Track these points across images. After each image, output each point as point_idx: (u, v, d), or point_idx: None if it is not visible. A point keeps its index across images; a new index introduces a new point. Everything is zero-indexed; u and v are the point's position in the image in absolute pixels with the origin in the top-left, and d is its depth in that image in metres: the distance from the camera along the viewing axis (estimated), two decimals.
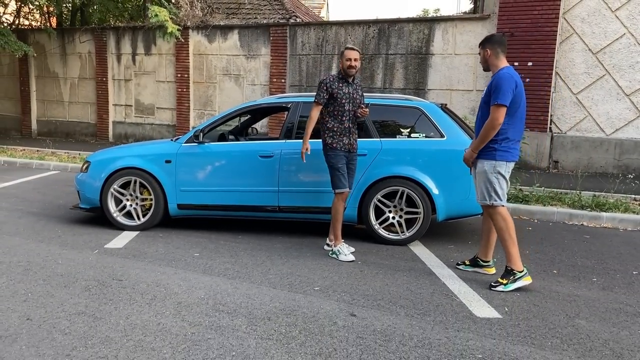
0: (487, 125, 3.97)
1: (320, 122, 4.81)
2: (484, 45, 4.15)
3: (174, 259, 4.63)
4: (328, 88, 4.66)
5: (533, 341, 3.09)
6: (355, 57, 4.70)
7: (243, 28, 12.57)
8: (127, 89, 14.13)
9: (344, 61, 4.71)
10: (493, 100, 3.93)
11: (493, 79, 4.00)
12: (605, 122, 9.72)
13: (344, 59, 4.71)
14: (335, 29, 11.59)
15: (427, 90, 10.85)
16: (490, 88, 4.00)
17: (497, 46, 4.07)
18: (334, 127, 4.71)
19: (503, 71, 3.97)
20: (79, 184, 5.78)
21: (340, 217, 4.77)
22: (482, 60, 4.18)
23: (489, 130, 3.96)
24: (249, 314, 3.44)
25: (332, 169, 4.74)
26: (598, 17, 9.59)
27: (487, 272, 4.39)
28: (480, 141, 4.04)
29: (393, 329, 3.23)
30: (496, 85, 3.92)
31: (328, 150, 4.74)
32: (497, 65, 4.07)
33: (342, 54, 4.76)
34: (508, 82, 3.89)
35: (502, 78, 3.91)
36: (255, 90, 12.55)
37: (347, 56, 4.69)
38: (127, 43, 13.96)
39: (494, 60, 4.08)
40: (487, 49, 4.10)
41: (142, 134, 14.03)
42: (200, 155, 5.46)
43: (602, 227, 6.27)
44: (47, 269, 4.26)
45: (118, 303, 3.59)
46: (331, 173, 4.76)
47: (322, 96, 4.68)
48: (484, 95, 4.11)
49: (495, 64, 4.08)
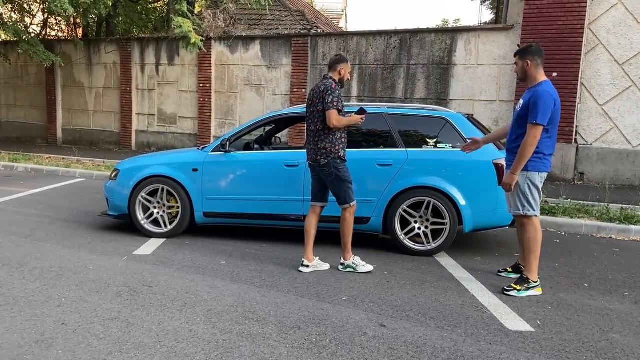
0: (525, 144, 3.93)
1: (320, 134, 4.50)
2: (523, 55, 4.07)
3: (201, 266, 4.67)
4: (339, 94, 4.47)
5: (567, 355, 3.04)
6: None
7: (265, 39, 12.69)
8: (151, 99, 14.34)
9: (345, 71, 4.58)
10: (532, 119, 3.89)
11: (532, 94, 3.93)
12: (631, 134, 9.59)
13: (347, 69, 4.59)
14: (356, 39, 11.65)
15: (449, 100, 10.82)
16: (529, 103, 3.95)
17: (538, 57, 4.03)
18: (342, 138, 4.55)
19: (544, 89, 3.91)
20: (107, 191, 5.87)
21: (352, 230, 4.65)
22: (521, 71, 4.10)
23: (527, 148, 3.93)
24: (279, 322, 3.44)
25: (344, 182, 4.52)
26: (624, 27, 9.49)
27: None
28: (519, 162, 3.98)
29: (424, 340, 3.21)
30: (535, 102, 3.88)
31: (339, 164, 4.50)
32: (536, 78, 4.03)
33: (343, 62, 4.57)
34: (548, 102, 3.86)
35: (543, 97, 3.86)
36: (276, 100, 12.64)
37: (349, 68, 4.64)
38: (151, 53, 14.18)
39: (534, 72, 4.04)
40: (527, 60, 4.03)
41: (165, 143, 14.20)
42: (226, 164, 5.51)
43: (631, 241, 6.17)
44: (79, 275, 4.33)
45: (150, 309, 3.62)
46: (342, 187, 4.51)
47: (340, 103, 4.46)
48: (520, 109, 4.06)
49: (535, 76, 4.03)
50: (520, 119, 4.04)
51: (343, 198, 4.58)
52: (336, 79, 4.60)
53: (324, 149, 4.51)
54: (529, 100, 3.94)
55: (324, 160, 4.52)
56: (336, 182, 4.55)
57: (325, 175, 4.57)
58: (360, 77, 11.58)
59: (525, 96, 4.05)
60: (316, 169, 4.64)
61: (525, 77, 4.11)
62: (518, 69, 4.13)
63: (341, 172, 4.53)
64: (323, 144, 4.51)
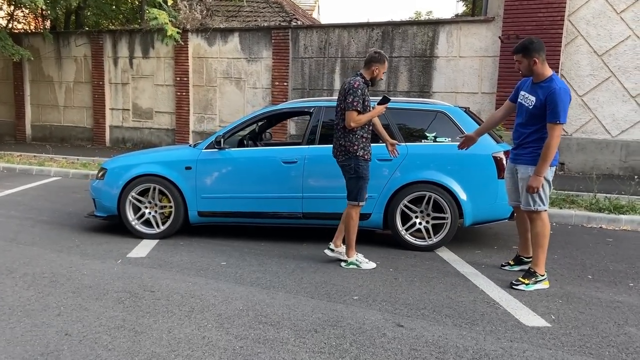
0: (549, 146, 3.87)
1: (341, 131, 4.46)
2: (528, 53, 3.95)
3: (201, 268, 4.52)
4: (362, 94, 4.38)
5: (590, 351, 3.03)
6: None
7: (244, 31, 12.46)
8: (125, 93, 13.93)
9: (379, 71, 4.49)
10: (554, 119, 3.83)
11: (549, 93, 3.85)
12: (611, 124, 9.76)
13: (382, 69, 4.49)
14: (338, 31, 11.52)
15: (432, 93, 10.82)
16: (545, 102, 3.88)
17: (543, 52, 3.95)
18: (364, 135, 4.48)
19: (559, 86, 3.85)
20: (94, 191, 5.64)
21: (357, 229, 4.62)
22: (526, 69, 4.00)
23: (552, 149, 3.88)
24: (294, 325, 3.34)
25: (361, 179, 4.47)
26: (603, 19, 9.62)
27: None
28: (544, 163, 3.91)
29: (445, 340, 3.15)
30: (556, 101, 3.81)
31: (360, 162, 4.44)
32: (543, 74, 3.96)
33: (380, 62, 4.46)
34: (566, 100, 3.83)
35: (561, 95, 3.81)
36: (257, 93, 12.44)
37: (385, 69, 4.53)
38: (124, 46, 13.77)
39: (541, 68, 3.95)
40: (534, 57, 3.92)
41: (141, 139, 13.85)
42: (221, 162, 5.35)
43: (621, 230, 6.26)
44: (73, 281, 4.13)
45: (156, 316, 3.47)
46: (357, 184, 4.47)
47: (361, 103, 4.36)
48: (533, 106, 3.97)
49: (542, 72, 3.96)
50: (535, 116, 3.97)
51: (354, 195, 4.52)
52: (367, 77, 4.52)
53: (343, 147, 4.48)
54: (545, 100, 3.86)
55: (342, 157, 4.50)
56: (353, 179, 4.50)
57: (345, 170, 4.54)
58: (343, 70, 11.47)
59: (537, 92, 3.96)
60: (338, 164, 4.60)
61: (531, 74, 4.03)
62: (523, 67, 4.01)
63: (360, 170, 4.48)
64: (342, 141, 4.49)
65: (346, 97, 4.36)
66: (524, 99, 4.10)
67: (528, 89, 4.08)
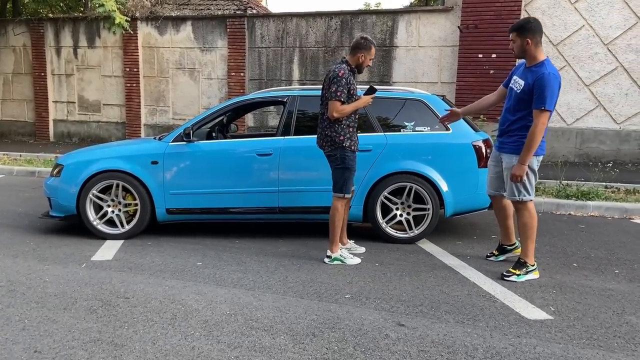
0: (534, 133, 3.74)
1: (326, 121, 4.25)
2: (522, 32, 3.79)
3: (176, 270, 4.20)
4: (347, 83, 4.15)
5: (599, 343, 2.95)
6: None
7: (197, 20, 11.98)
8: (69, 85, 13.15)
9: (366, 58, 4.27)
10: (539, 104, 3.70)
11: (537, 77, 3.71)
12: (566, 112, 9.98)
13: (369, 56, 4.27)
14: (296, 20, 11.24)
15: (392, 82, 10.74)
16: (532, 86, 3.74)
17: (538, 35, 3.80)
18: (351, 125, 4.28)
19: (549, 71, 3.70)
20: (50, 190, 5.17)
21: (341, 223, 4.44)
22: (519, 49, 3.84)
23: (537, 136, 3.74)
24: (289, 330, 3.11)
25: (347, 170, 4.28)
26: (558, 9, 9.80)
27: (516, 253, 4.38)
28: (529, 151, 3.78)
29: (451, 338, 3.01)
30: (543, 86, 3.67)
31: (346, 152, 4.25)
32: (536, 57, 3.81)
33: (366, 49, 4.23)
34: (555, 86, 3.69)
35: (550, 81, 3.66)
36: (212, 84, 12.00)
37: (372, 55, 4.32)
38: (68, 35, 12.98)
39: (534, 51, 3.80)
40: (527, 38, 3.77)
41: (88, 133, 13.13)
42: (191, 155, 5.01)
43: (589, 216, 6.36)
44: (35, 289, 3.73)
45: (135, 325, 3.15)
46: (342, 175, 4.28)
47: (345, 93, 4.14)
48: (521, 90, 3.83)
49: (535, 55, 3.81)
50: (522, 101, 3.85)
51: (339, 186, 4.32)
52: (352, 64, 4.30)
53: (329, 137, 4.27)
54: (533, 84, 3.73)
55: (328, 148, 4.30)
56: (339, 170, 4.31)
57: (331, 160, 4.34)
58: (302, 60, 11.21)
59: (526, 76, 3.83)
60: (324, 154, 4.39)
61: (523, 55, 3.88)
62: (516, 47, 3.86)
63: (347, 160, 4.29)
64: (328, 131, 4.28)
65: (330, 86, 4.14)
66: (514, 84, 3.97)
67: (520, 73, 3.95)
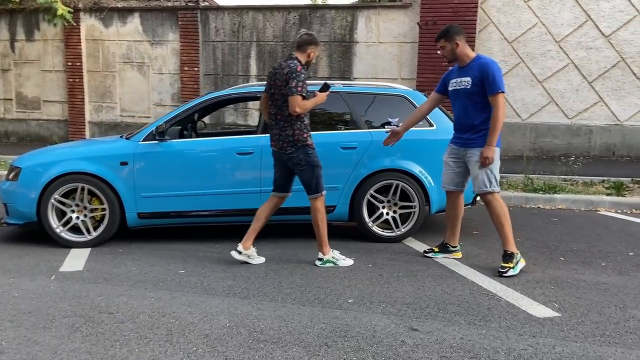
0: (497, 116, 3.93)
1: (286, 120, 4.03)
2: (449, 37, 4.03)
3: (158, 279, 3.89)
4: (305, 78, 3.98)
5: (614, 340, 2.93)
6: None
7: (145, 11, 11.41)
8: (6, 81, 12.25)
9: (314, 54, 4.14)
10: (494, 89, 3.90)
11: (480, 68, 3.93)
12: (521, 108, 10.23)
13: (316, 52, 4.17)
14: (252, 14, 10.92)
15: (353, 79, 10.63)
16: (481, 78, 3.92)
17: (462, 35, 4.06)
18: (308, 122, 4.13)
19: (486, 59, 3.97)
20: (5, 195, 4.71)
21: (326, 222, 4.24)
22: (450, 53, 4.08)
23: (499, 119, 3.94)
24: (299, 341, 2.90)
25: (316, 168, 4.08)
26: (512, 7, 10.01)
27: (455, 256, 4.44)
28: (495, 133, 3.96)
29: (469, 342, 2.90)
30: (491, 72, 3.89)
31: (308, 150, 4.07)
32: (468, 55, 4.06)
33: (315, 44, 4.13)
34: (498, 68, 3.93)
35: (492, 66, 3.90)
36: (164, 79, 11.48)
37: (318, 51, 4.24)
38: (4, 28, 12.08)
39: (464, 49, 4.05)
40: (456, 40, 4.02)
41: (27, 131, 12.29)
42: (163, 155, 4.69)
43: (557, 209, 6.50)
44: (5, 306, 3.33)
45: (129, 344, 2.85)
46: (313, 174, 4.07)
47: (305, 88, 3.95)
48: (471, 85, 3.98)
49: (467, 53, 4.06)
50: (475, 96, 3.98)
51: (314, 187, 4.12)
52: (302, 60, 4.11)
53: (291, 137, 4.04)
54: (480, 75, 3.91)
55: (291, 149, 4.05)
56: (307, 170, 4.08)
57: (294, 163, 4.08)
58: (259, 55, 10.92)
59: (469, 72, 4.00)
60: (282, 157, 4.11)
61: (455, 58, 4.09)
62: (446, 52, 4.09)
63: (311, 158, 4.08)
64: (289, 131, 4.04)
65: (288, 82, 3.92)
66: (457, 84, 4.10)
67: (457, 74, 4.12)
